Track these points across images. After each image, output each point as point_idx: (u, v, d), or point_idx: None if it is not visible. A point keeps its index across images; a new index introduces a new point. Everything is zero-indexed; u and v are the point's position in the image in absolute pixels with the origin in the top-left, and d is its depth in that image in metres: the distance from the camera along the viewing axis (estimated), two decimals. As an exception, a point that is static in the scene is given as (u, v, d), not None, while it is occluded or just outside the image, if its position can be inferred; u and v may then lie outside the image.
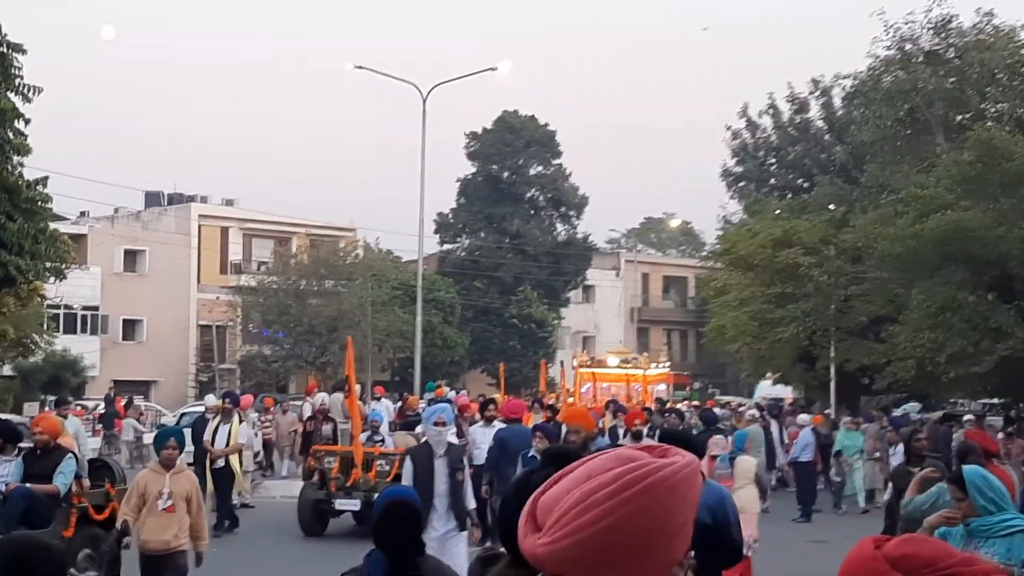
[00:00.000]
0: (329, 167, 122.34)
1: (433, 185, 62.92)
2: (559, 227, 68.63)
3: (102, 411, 38.39)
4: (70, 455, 12.76)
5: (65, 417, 19.68)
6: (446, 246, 67.35)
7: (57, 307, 49.54)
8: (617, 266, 77.61)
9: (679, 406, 30.91)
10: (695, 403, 38.47)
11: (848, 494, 24.71)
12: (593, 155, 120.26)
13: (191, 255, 60.72)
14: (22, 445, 13.24)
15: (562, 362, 48.19)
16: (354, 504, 18.74)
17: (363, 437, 20.63)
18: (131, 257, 60.32)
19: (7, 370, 43.14)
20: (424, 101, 43.30)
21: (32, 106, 25.81)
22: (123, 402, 37.52)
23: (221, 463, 19.31)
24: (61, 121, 66.12)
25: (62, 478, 12.36)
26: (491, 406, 20.24)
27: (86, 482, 13.30)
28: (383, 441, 20.87)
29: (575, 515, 2.09)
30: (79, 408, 44.12)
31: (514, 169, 66.50)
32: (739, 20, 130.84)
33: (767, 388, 48.30)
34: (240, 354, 58.68)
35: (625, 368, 39.53)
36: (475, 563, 2.53)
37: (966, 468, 6.99)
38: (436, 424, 11.95)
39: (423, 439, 14.06)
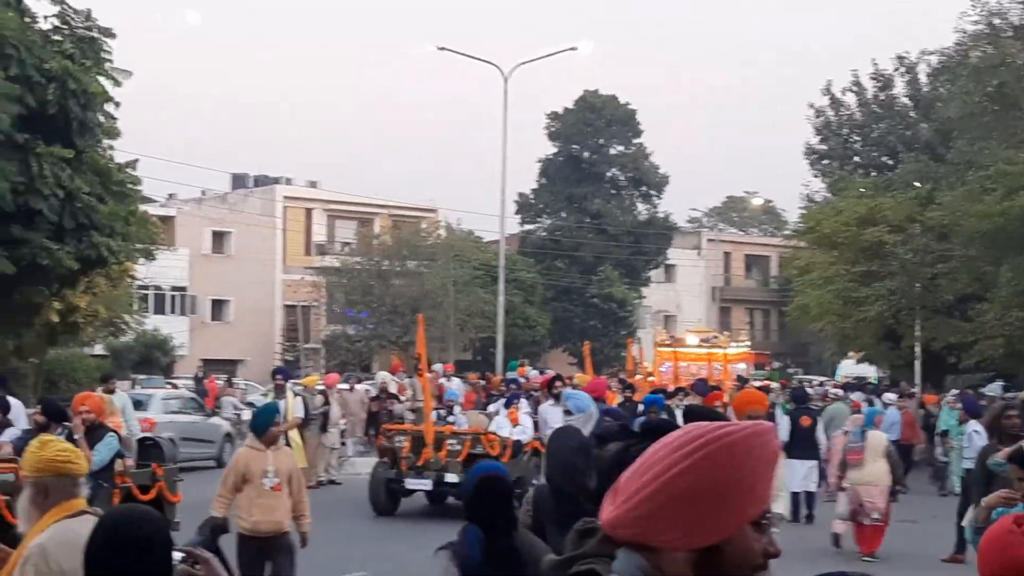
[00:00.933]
0: (412, 148, 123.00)
1: (514, 165, 63.17)
2: (640, 206, 68.34)
3: (192, 389, 39.05)
4: (111, 434, 12.53)
5: (111, 392, 19.49)
6: (527, 226, 67.37)
7: (147, 288, 50.43)
8: (699, 245, 77.20)
9: (758, 384, 30.71)
10: (781, 382, 38.21)
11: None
12: (674, 134, 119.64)
13: (276, 236, 61.47)
14: (68, 424, 12.80)
15: (639, 339, 48.18)
16: (425, 484, 18.66)
17: (435, 416, 20.44)
18: (218, 238, 61.24)
19: (99, 349, 44.07)
20: (506, 81, 43.43)
21: (121, 90, 26.36)
22: (218, 381, 37.95)
23: (281, 440, 19.41)
24: (150, 105, 67.13)
25: (98, 456, 12.00)
26: (558, 382, 19.81)
27: (129, 461, 13.03)
28: (456, 421, 20.72)
29: (635, 478, 2.16)
30: (167, 386, 44.99)
31: (595, 149, 66.33)
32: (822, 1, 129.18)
33: (850, 367, 47.86)
34: (324, 334, 59.33)
35: (705, 347, 39.41)
36: (572, 535, 2.58)
37: None
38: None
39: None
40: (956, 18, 37.25)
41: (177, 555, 3.76)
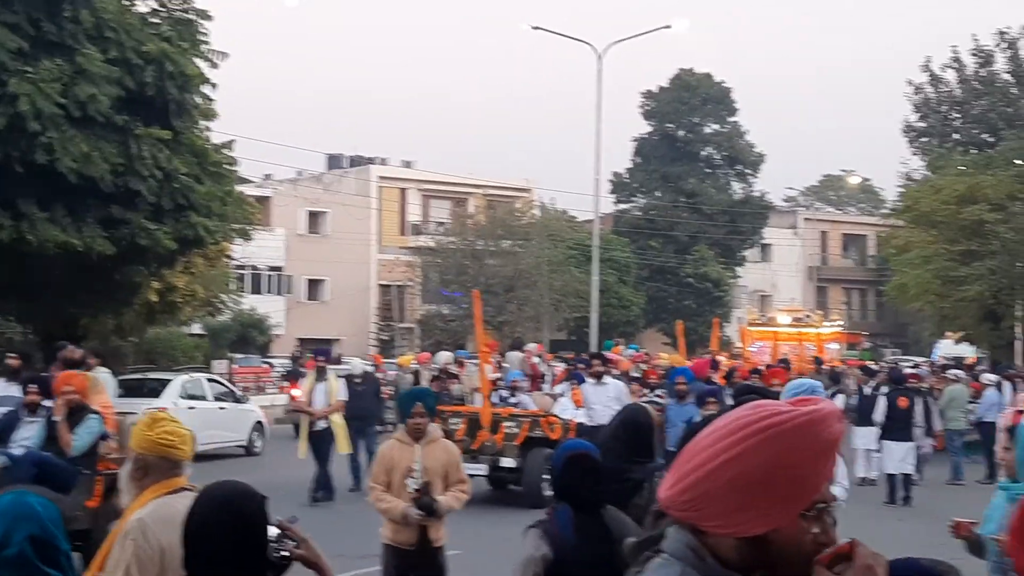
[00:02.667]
0: (505, 128, 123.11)
1: (609, 144, 62.88)
2: (735, 185, 67.76)
3: (288, 369, 39.52)
4: (94, 415, 11.49)
5: (89, 369, 17.17)
6: (621, 206, 67.15)
7: (243, 267, 51.14)
8: (795, 224, 76.33)
9: (835, 366, 30.15)
10: (858, 362, 37.61)
11: None
12: (770, 112, 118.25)
13: (371, 216, 61.92)
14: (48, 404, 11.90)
15: (740, 319, 47.74)
16: (480, 468, 17.71)
17: (496, 397, 19.90)
18: (314, 218, 61.86)
19: (197, 328, 44.81)
20: (600, 60, 43.28)
21: (218, 71, 26.68)
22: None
23: (322, 424, 18.20)
24: (246, 86, 67.96)
25: (78, 441, 11.14)
26: (596, 360, 19.09)
27: (113, 444, 11.84)
28: (518, 402, 19.96)
29: (687, 460, 2.13)
30: (265, 365, 45.65)
31: (690, 127, 65.89)
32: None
33: (948, 347, 47.01)
34: (419, 313, 59.69)
35: (797, 326, 38.97)
36: (650, 516, 2.53)
37: None
38: None
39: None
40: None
41: (273, 531, 3.80)
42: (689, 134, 65.87)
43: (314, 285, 61.56)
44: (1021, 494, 5.93)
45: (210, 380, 27.53)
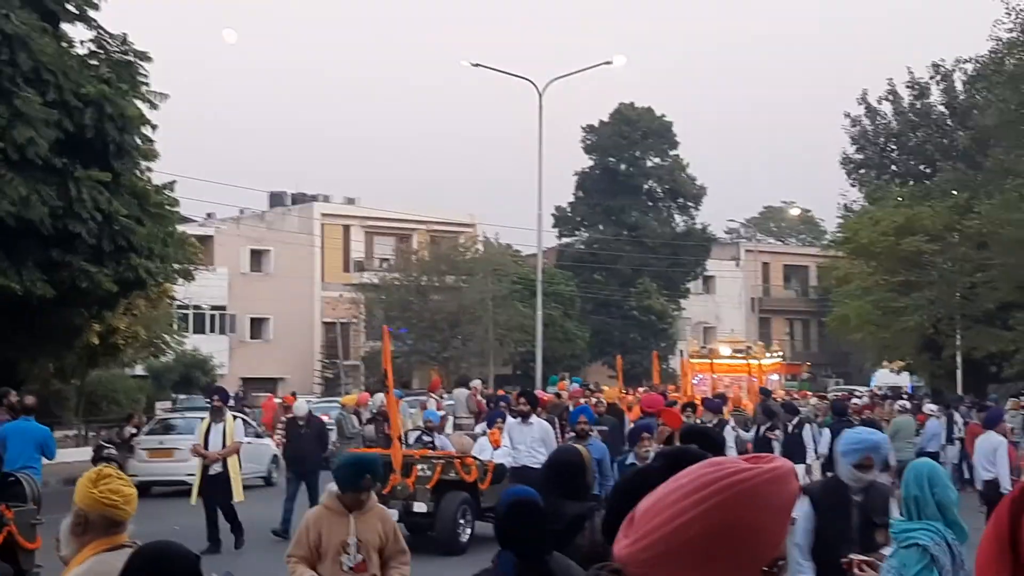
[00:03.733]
0: (448, 164, 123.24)
1: (551, 179, 63.17)
2: (677, 218, 68.27)
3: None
4: None
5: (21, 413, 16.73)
6: (565, 239, 67.41)
7: (186, 307, 50.78)
8: (737, 256, 76.91)
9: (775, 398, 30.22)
10: (810, 393, 37.87)
11: None
12: (710, 145, 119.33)
13: (315, 253, 61.70)
14: None
15: (682, 352, 47.95)
16: (391, 514, 17.14)
17: (412, 437, 19.22)
18: (256, 257, 61.54)
19: (139, 370, 44.40)
20: (540, 96, 43.49)
21: (158, 112, 26.59)
22: (276, 400, 37.43)
23: (218, 468, 16.97)
24: (186, 125, 67.60)
25: None
26: (521, 399, 17.79)
27: None
28: (432, 443, 18.96)
29: (651, 516, 2.13)
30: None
31: (631, 161, 66.31)
32: (856, 5, 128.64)
33: (885, 376, 47.51)
34: (364, 350, 59.44)
35: (738, 358, 39.20)
36: (591, 567, 2.54)
37: (916, 460, 6.38)
38: (859, 463, 7.29)
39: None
40: (990, 26, 37.02)
41: None
42: (630, 168, 66.24)
43: (257, 324, 61.19)
44: (907, 537, 5.99)
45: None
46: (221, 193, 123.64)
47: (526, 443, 16.36)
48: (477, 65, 45.57)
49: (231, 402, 18.99)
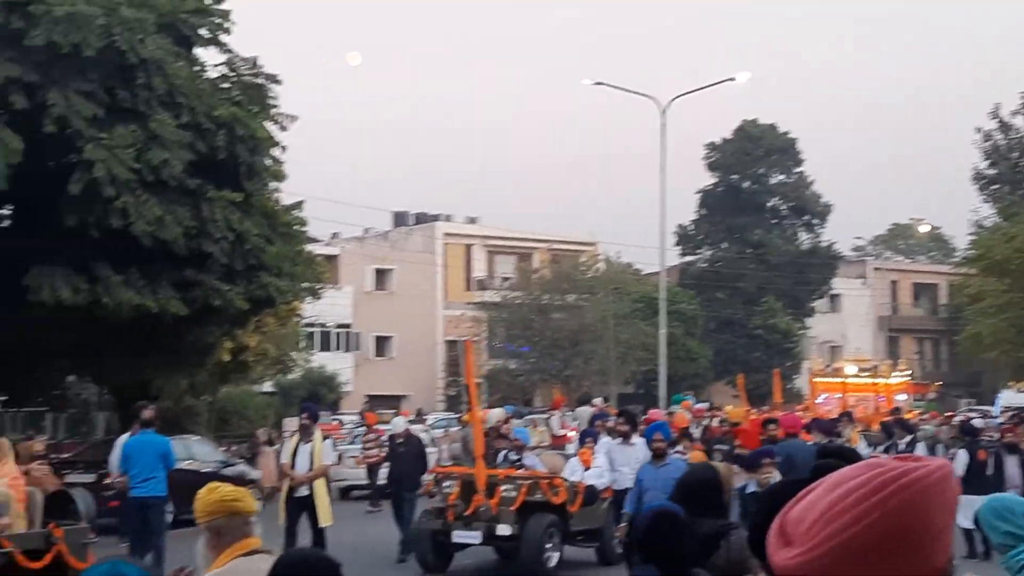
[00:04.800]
0: (570, 182, 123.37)
1: (673, 197, 62.53)
2: (802, 236, 67.40)
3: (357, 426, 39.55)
4: None
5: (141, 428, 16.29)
6: (687, 258, 66.98)
7: (313, 325, 51.48)
8: (864, 274, 75.60)
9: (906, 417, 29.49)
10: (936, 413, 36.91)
11: None
12: (836, 162, 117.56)
13: (437, 273, 62.19)
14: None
15: (808, 371, 47.20)
16: (474, 537, 15.91)
17: (500, 457, 18.24)
18: (380, 276, 62.22)
19: (268, 386, 45.16)
20: (663, 114, 43.33)
21: (287, 133, 27.07)
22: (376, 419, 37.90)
23: (304, 490, 15.84)
24: (313, 146, 68.81)
25: None
26: (621, 419, 16.68)
27: (4, 520, 10.58)
28: (520, 462, 17.82)
29: (825, 523, 2.05)
30: (335, 423, 45.85)
31: (755, 179, 65.71)
32: (988, 19, 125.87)
33: (1011, 397, 46.02)
34: (486, 368, 59.69)
35: (864, 377, 38.46)
36: None
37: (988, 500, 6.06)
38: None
39: None
40: None
41: None
42: (754, 185, 65.65)
43: (382, 342, 61.82)
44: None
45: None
46: (346, 213, 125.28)
47: (630, 464, 15.16)
48: (599, 84, 45.65)
49: (352, 418, 18.92)
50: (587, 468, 16.51)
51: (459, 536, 15.97)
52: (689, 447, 18.85)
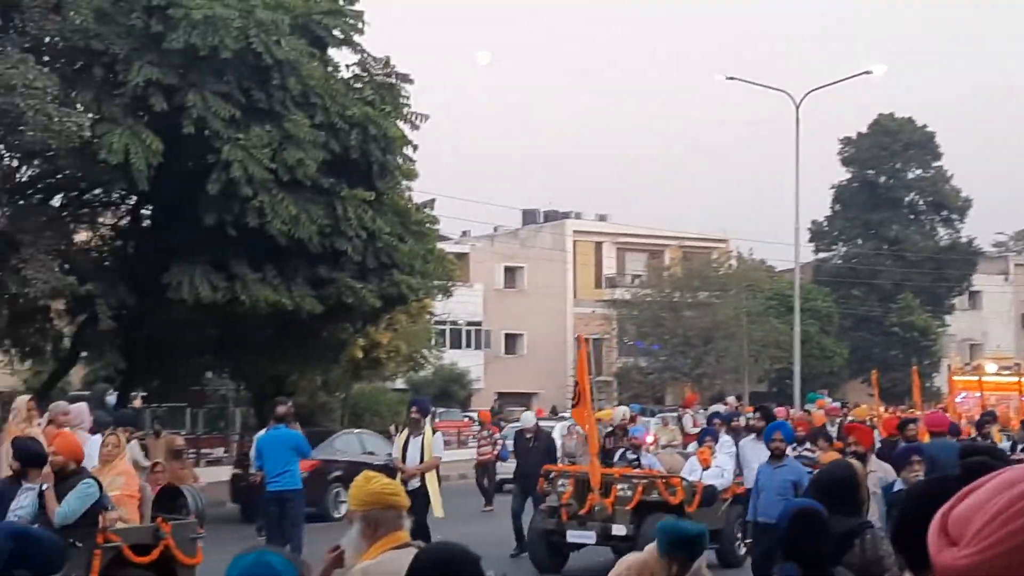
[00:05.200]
0: (700, 179, 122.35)
1: (807, 193, 61.80)
2: (941, 231, 65.95)
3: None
4: (87, 481, 10.12)
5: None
6: (821, 254, 66.06)
7: (444, 323, 51.84)
8: (1006, 270, 73.61)
9: None
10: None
11: None
12: (976, 156, 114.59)
13: (567, 270, 62.18)
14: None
15: (948, 369, 46.05)
16: (588, 537, 15.54)
17: (617, 455, 17.64)
18: (510, 273, 62.44)
19: (400, 383, 45.61)
20: (797, 108, 42.72)
21: (418, 132, 27.28)
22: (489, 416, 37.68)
23: (416, 483, 15.52)
24: (443, 145, 69.37)
25: (64, 507, 9.87)
26: (757, 414, 16.36)
27: (113, 514, 10.39)
28: (638, 461, 17.26)
29: (1002, 523, 1.99)
30: (466, 419, 46.17)
31: (891, 173, 64.49)
32: None
33: None
34: (616, 366, 59.52)
35: (1003, 375, 37.32)
36: None
37: None
38: None
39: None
40: None
41: None
42: (891, 180, 64.45)
43: (511, 339, 62.02)
44: None
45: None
46: (476, 211, 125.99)
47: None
48: (732, 79, 45.19)
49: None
50: (706, 467, 16.15)
51: (573, 536, 15.69)
52: (825, 446, 18.43)
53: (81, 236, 27.94)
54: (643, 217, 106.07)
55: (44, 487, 9.95)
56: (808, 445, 17.17)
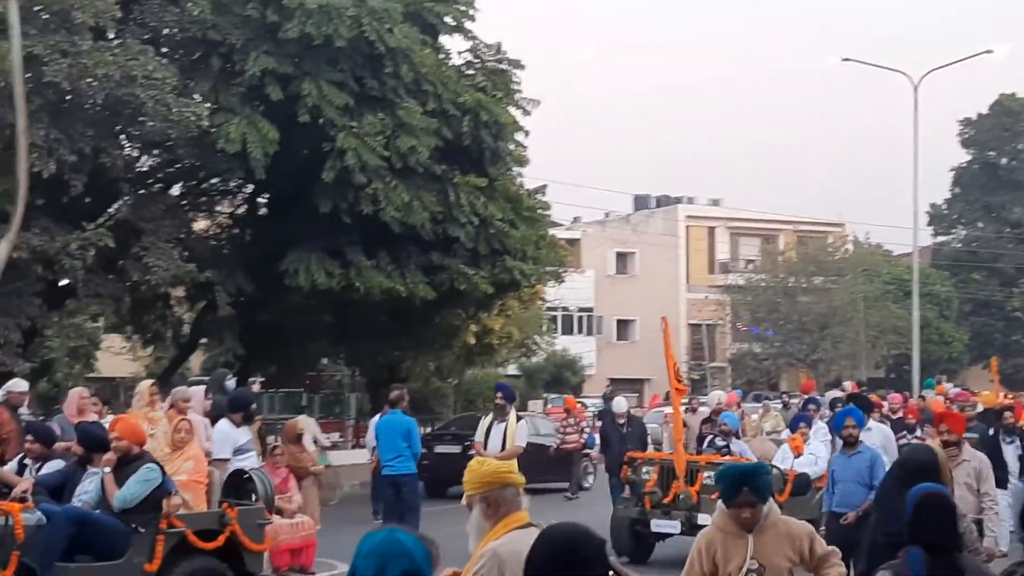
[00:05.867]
0: (815, 162, 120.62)
1: (926, 175, 60.62)
2: (1068, 214, 64.34)
3: (599, 409, 39.62)
4: (149, 465, 10.00)
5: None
6: (940, 238, 64.85)
7: (555, 309, 51.85)
8: None
9: None
10: None
11: None
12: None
13: (679, 256, 61.80)
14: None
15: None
16: (672, 526, 14.93)
17: (706, 442, 17.17)
18: (622, 259, 62.24)
19: (512, 369, 45.72)
20: (915, 90, 41.85)
21: (529, 118, 27.24)
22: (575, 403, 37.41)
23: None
24: (555, 130, 69.26)
25: (125, 491, 9.78)
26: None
27: (176, 500, 10.24)
28: (727, 448, 16.43)
29: None
30: (579, 405, 46.11)
31: (1013, 155, 63.03)
32: None
33: None
34: (730, 352, 59.04)
35: None
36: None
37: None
38: None
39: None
40: None
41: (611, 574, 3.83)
42: (1013, 161, 63.00)
43: (623, 325, 61.82)
44: None
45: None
46: (587, 196, 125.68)
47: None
48: (847, 60, 44.45)
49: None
50: (798, 455, 15.33)
51: (657, 525, 15.14)
52: (934, 433, 17.86)
53: (200, 224, 28.45)
54: (757, 201, 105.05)
55: (106, 471, 9.90)
56: (919, 432, 16.76)
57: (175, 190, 27.00)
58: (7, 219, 15.26)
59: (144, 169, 25.71)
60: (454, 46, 27.08)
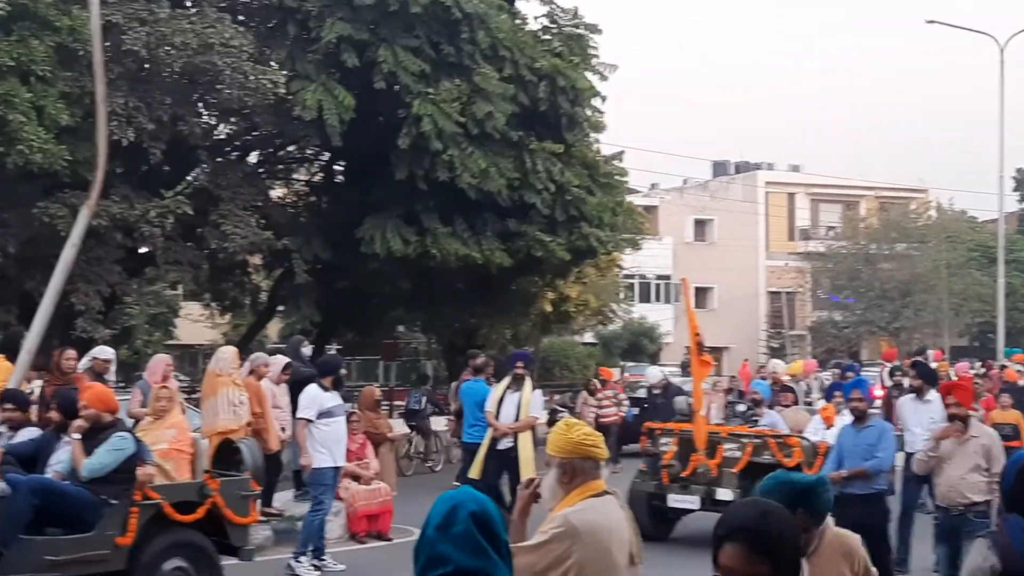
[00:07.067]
0: (898, 127, 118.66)
1: (1012, 139, 59.36)
2: None
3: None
4: (120, 434, 9.52)
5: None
6: (1026, 204, 63.49)
7: (632, 277, 51.55)
8: None
9: None
10: None
11: None
12: None
13: (758, 222, 61.14)
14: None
15: None
16: (691, 502, 14.25)
17: (734, 412, 16.76)
18: (700, 226, 61.72)
19: (588, 337, 45.55)
20: (1001, 51, 40.91)
21: (606, 84, 26.95)
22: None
23: (507, 442, 14.70)
24: (632, 95, 68.69)
25: (93, 460, 9.31)
26: (914, 371, 14.49)
27: (149, 469, 9.61)
28: (755, 418, 15.85)
29: None
30: (617, 378, 45.84)
31: (1104, 117, 61.48)
32: None
33: None
34: (810, 320, 58.43)
35: None
36: None
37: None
38: None
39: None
40: None
41: None
42: (1103, 125, 61.46)
43: (702, 293, 61.29)
44: None
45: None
46: (665, 163, 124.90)
47: (923, 424, 12.95)
48: (932, 22, 43.55)
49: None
50: (829, 426, 14.19)
51: (675, 500, 14.42)
52: (1007, 404, 17.39)
53: (277, 192, 28.57)
54: (837, 167, 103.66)
55: (75, 438, 9.46)
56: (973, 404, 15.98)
57: (252, 158, 27.12)
58: (87, 187, 15.32)
59: (222, 137, 25.82)
60: (531, 11, 27.01)
